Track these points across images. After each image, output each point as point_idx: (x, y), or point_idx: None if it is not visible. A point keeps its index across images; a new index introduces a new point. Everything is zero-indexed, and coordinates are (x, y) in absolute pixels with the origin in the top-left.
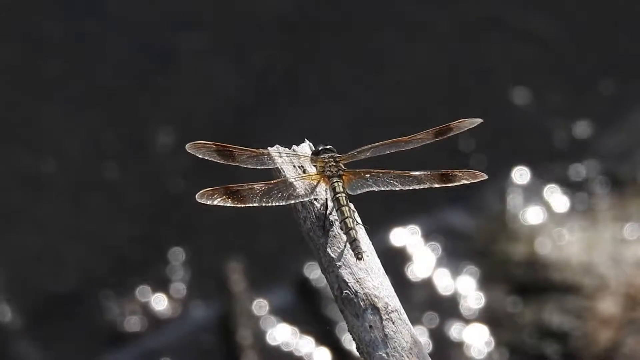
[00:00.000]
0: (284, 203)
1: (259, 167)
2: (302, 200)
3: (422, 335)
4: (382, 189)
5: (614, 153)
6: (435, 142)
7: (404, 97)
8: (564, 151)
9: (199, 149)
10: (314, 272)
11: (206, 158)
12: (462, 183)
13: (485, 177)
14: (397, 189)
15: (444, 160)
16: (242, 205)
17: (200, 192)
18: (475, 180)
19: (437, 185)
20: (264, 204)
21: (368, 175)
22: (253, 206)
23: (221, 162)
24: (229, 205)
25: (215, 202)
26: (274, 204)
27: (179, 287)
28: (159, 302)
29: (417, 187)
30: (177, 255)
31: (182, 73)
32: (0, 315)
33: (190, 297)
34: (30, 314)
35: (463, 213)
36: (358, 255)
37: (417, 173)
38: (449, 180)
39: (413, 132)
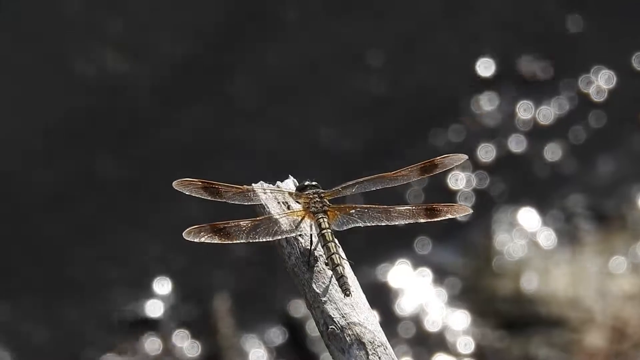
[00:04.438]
0: (270, 238)
1: (245, 203)
2: (287, 235)
3: None
4: (368, 224)
5: (599, 187)
6: (420, 180)
7: (388, 132)
8: (549, 186)
9: (186, 186)
10: (299, 308)
11: (193, 195)
12: (447, 217)
13: (470, 211)
14: (382, 224)
15: (430, 197)
16: (229, 242)
17: (187, 229)
18: (460, 215)
19: (422, 220)
20: (250, 241)
21: (353, 210)
22: (239, 242)
23: (208, 199)
24: (215, 242)
25: (202, 240)
26: (260, 240)
27: (166, 325)
28: (147, 341)
29: (402, 222)
30: (164, 293)
31: (166, 109)
32: None
33: (177, 335)
34: (21, 352)
35: (449, 249)
36: (346, 291)
37: (402, 208)
38: (434, 215)
39: (397, 168)
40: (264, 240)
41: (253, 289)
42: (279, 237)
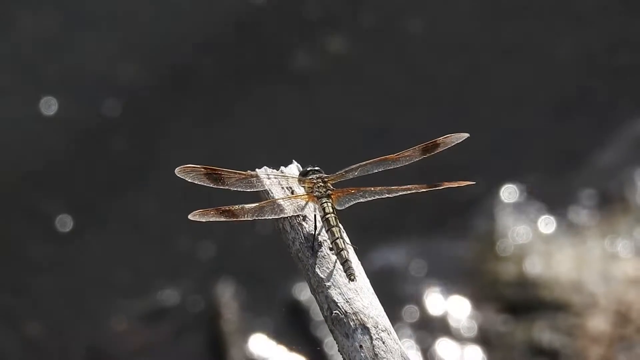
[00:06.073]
0: (275, 216)
1: (248, 190)
2: (291, 214)
3: (412, 354)
4: (369, 198)
5: (602, 170)
6: (422, 160)
7: (391, 112)
8: (552, 169)
9: (188, 173)
10: (303, 293)
11: (196, 182)
12: (447, 187)
13: (472, 182)
14: (384, 196)
15: (433, 177)
16: (235, 220)
17: (193, 212)
18: (463, 185)
19: (423, 190)
20: (256, 218)
21: (355, 191)
22: (245, 220)
23: (211, 185)
24: (222, 220)
25: (208, 219)
26: (266, 217)
27: (171, 311)
28: (150, 325)
29: (402, 193)
30: (168, 277)
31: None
32: None
33: (181, 319)
34: (27, 340)
35: (452, 233)
36: (350, 276)
37: (405, 187)
38: (435, 185)
39: (401, 149)
40: (270, 217)
41: (257, 274)
42: (284, 216)
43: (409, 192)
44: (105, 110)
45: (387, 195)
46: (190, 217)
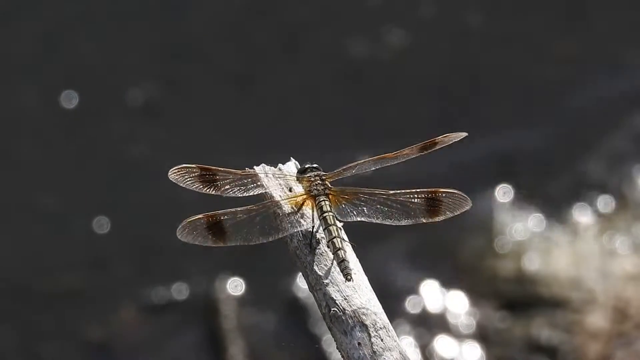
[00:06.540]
0: (270, 239)
1: (241, 195)
2: (285, 234)
3: (411, 351)
4: (372, 220)
5: (600, 166)
6: (420, 157)
7: (390, 110)
8: (550, 166)
9: (182, 175)
10: (301, 290)
11: (189, 188)
12: (448, 216)
13: (469, 204)
14: (386, 223)
15: (429, 179)
16: (227, 245)
17: (181, 225)
18: (460, 212)
19: (424, 221)
20: (250, 242)
21: (355, 196)
22: (237, 244)
23: (204, 191)
24: (210, 245)
25: (196, 242)
26: (259, 241)
27: (170, 306)
28: (148, 321)
29: (406, 223)
30: (167, 274)
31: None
32: None
33: (179, 316)
34: (26, 335)
35: (450, 229)
36: (347, 276)
37: (405, 195)
38: (435, 213)
39: (399, 147)
40: (265, 240)
41: (255, 271)
42: (279, 235)
43: (410, 222)
44: (126, 103)
45: (390, 223)
46: (178, 235)
